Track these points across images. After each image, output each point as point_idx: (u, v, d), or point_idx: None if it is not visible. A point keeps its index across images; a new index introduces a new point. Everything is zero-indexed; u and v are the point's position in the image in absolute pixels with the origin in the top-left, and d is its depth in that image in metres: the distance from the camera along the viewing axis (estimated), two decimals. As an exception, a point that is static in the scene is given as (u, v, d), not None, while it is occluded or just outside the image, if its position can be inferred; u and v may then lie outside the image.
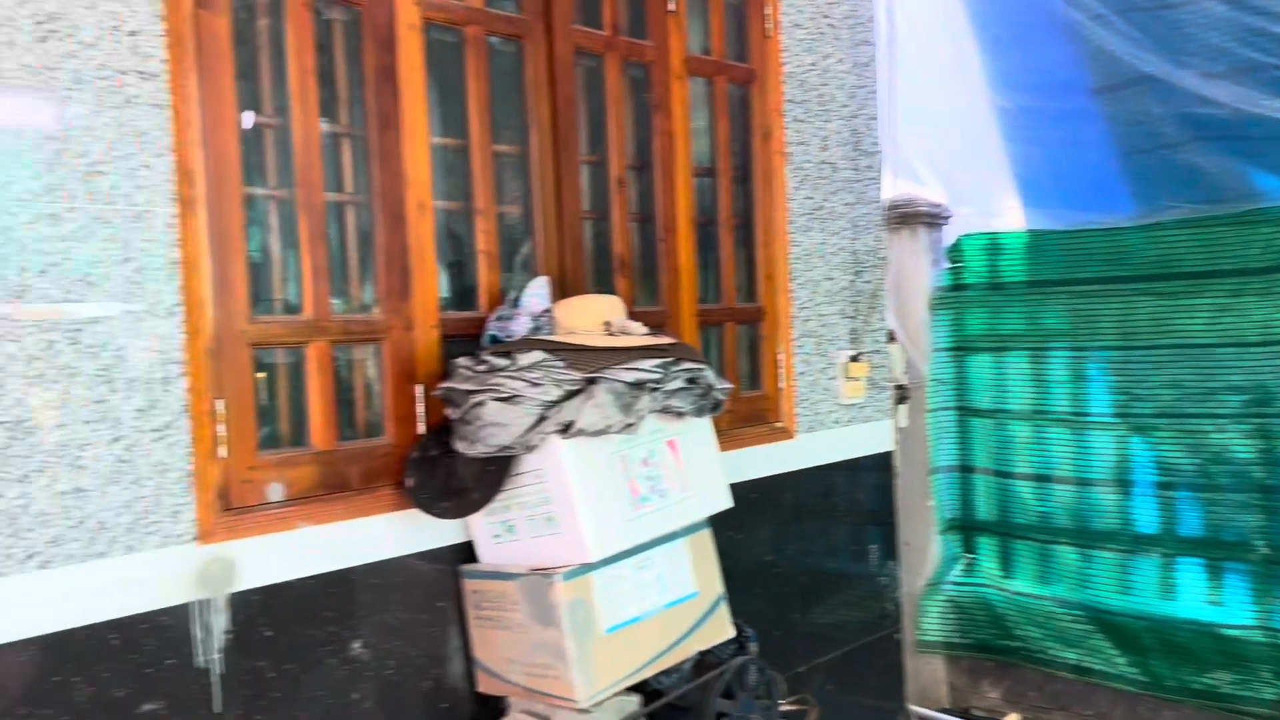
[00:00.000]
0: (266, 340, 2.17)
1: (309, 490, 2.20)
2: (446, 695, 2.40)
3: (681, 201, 2.97)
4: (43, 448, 1.83)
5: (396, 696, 2.31)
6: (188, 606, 2.00)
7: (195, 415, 2.02)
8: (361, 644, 2.26)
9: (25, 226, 1.82)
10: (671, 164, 2.96)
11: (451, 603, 2.40)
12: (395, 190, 2.35)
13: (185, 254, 2.01)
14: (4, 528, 1.79)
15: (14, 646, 1.79)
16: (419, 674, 2.35)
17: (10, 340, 1.80)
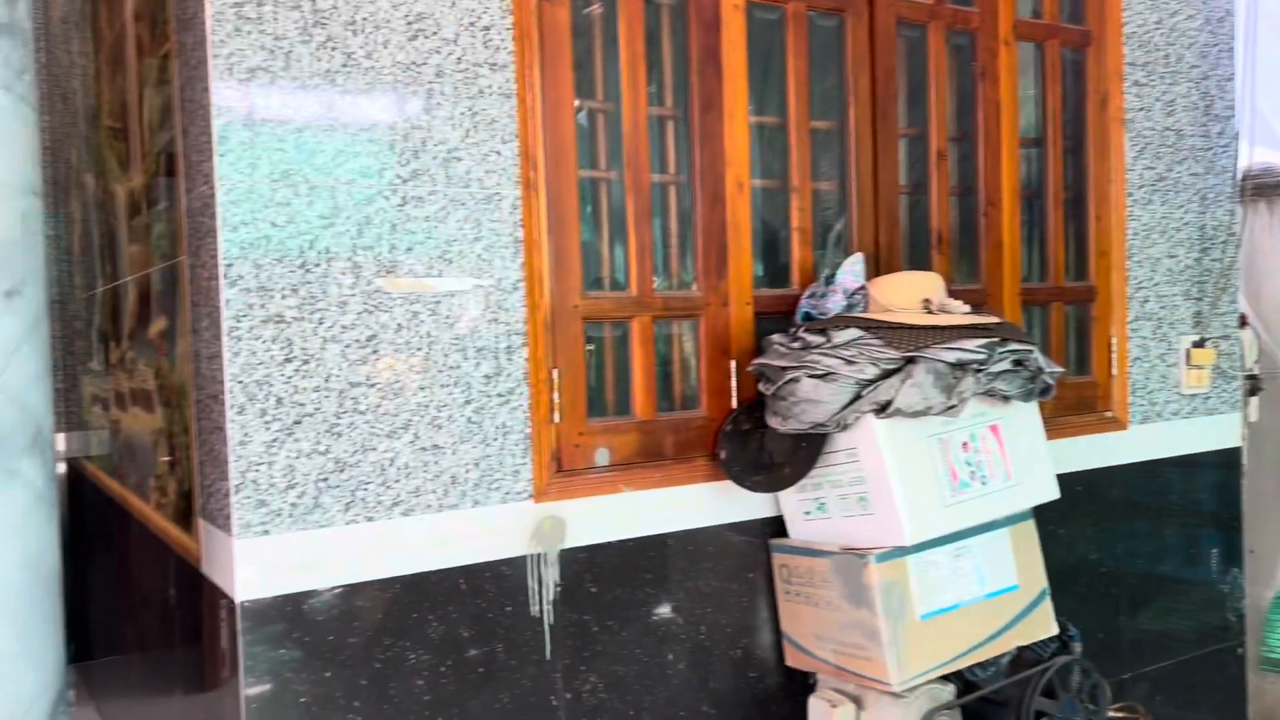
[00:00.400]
0: (596, 315, 2.29)
1: (630, 457, 2.31)
2: (755, 665, 2.44)
3: (1006, 173, 2.83)
4: (407, 407, 2.04)
5: (707, 661, 2.39)
6: (524, 559, 2.16)
7: (534, 383, 2.17)
8: (675, 607, 2.35)
9: (396, 208, 2.03)
10: (996, 134, 2.82)
11: (761, 574, 2.44)
12: (715, 170, 2.40)
13: (528, 233, 2.16)
14: (375, 477, 2.01)
15: (382, 583, 2.01)
16: (729, 642, 2.41)
17: (383, 311, 2.02)
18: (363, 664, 1.99)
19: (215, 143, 1.86)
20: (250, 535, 1.89)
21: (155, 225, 2.38)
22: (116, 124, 2.80)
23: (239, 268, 1.88)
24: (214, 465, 1.98)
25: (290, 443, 1.93)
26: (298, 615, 1.92)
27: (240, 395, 1.88)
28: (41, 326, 1.73)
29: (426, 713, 2.05)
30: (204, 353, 2.01)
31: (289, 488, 1.92)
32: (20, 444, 1.68)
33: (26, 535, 1.69)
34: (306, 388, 1.94)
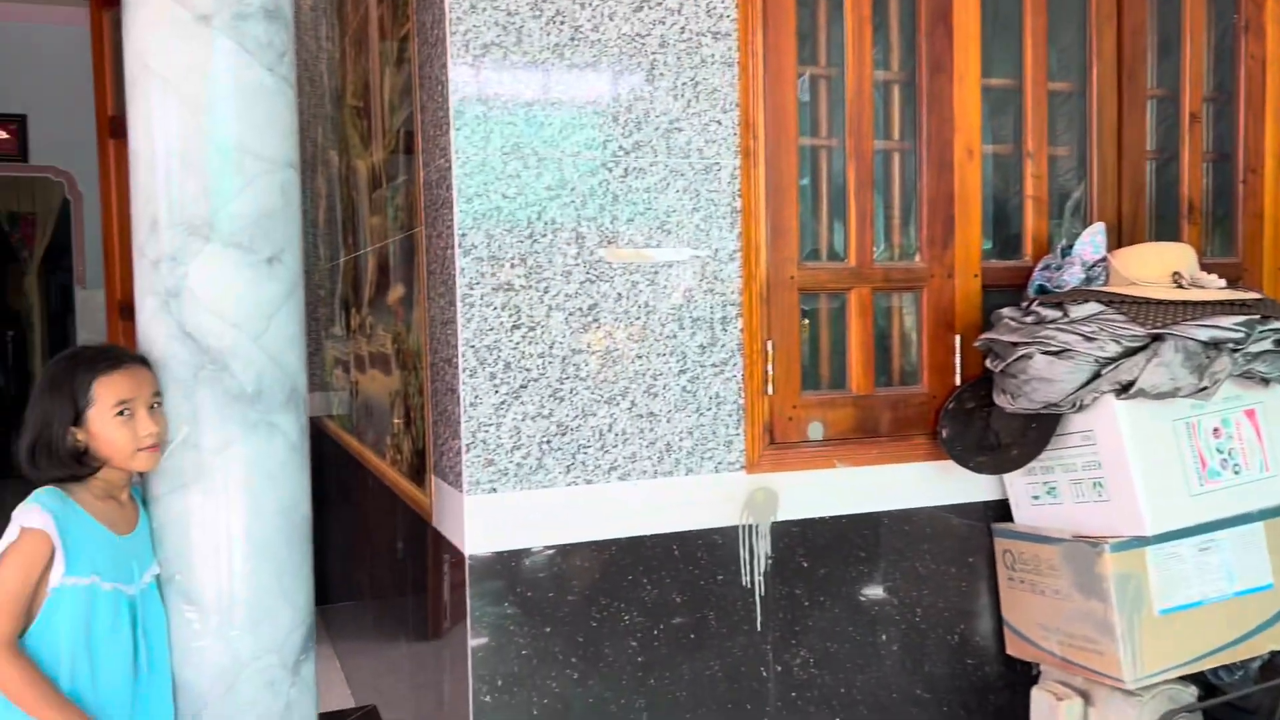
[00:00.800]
0: (812, 286, 2.25)
1: (846, 432, 2.26)
2: (973, 652, 2.36)
3: (1271, 137, 2.57)
4: (625, 375, 2.08)
5: (922, 645, 2.32)
6: (736, 529, 2.16)
7: (748, 354, 2.17)
8: (889, 588, 2.30)
9: (618, 180, 2.06)
10: (1260, 93, 2.57)
11: (982, 559, 2.35)
12: (943, 135, 2.31)
13: (746, 203, 2.15)
14: (594, 441, 2.06)
15: (599, 545, 2.06)
16: (945, 627, 2.34)
17: (604, 280, 2.06)
18: (580, 622, 2.05)
19: (451, 118, 1.95)
20: (479, 492, 1.98)
21: (394, 198, 2.53)
22: (359, 103, 2.98)
23: (472, 237, 1.96)
24: (446, 425, 2.09)
25: (517, 405, 2.00)
26: (521, 571, 2.00)
27: (472, 359, 1.97)
28: (297, 292, 1.87)
29: (639, 673, 2.10)
30: (439, 318, 2.12)
31: (515, 448, 2.00)
32: (278, 400, 1.82)
33: (283, 484, 1.84)
34: (532, 353, 2.01)
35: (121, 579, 1.75)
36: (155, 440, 1.74)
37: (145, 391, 1.75)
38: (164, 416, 1.77)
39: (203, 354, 1.76)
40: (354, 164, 3.10)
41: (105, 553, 1.74)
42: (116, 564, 1.75)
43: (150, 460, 1.75)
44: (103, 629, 1.72)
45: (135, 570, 1.77)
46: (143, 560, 1.79)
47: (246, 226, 1.78)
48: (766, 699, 2.20)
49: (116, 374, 1.73)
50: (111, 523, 1.77)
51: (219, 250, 1.76)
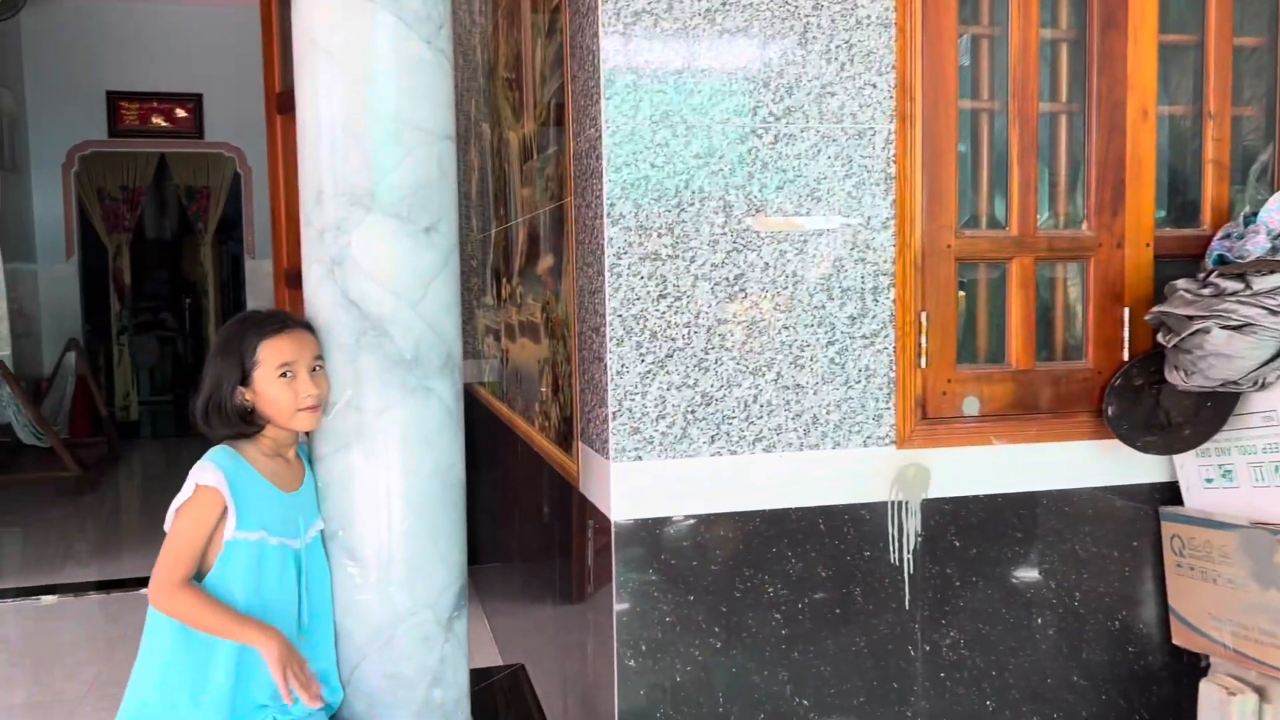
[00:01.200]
0: (970, 255, 2.17)
1: (1003, 409, 2.18)
2: (1135, 640, 2.25)
3: None
4: (771, 346, 2.06)
5: (1080, 630, 2.23)
6: (885, 505, 2.12)
7: (901, 325, 2.11)
8: (1046, 570, 2.21)
9: (768, 146, 2.03)
10: None
11: (1148, 544, 2.23)
12: (1115, 96, 2.18)
13: (901, 169, 2.08)
14: (739, 412, 2.05)
15: (744, 516, 2.05)
16: (1106, 613, 2.23)
17: (751, 250, 2.04)
18: (723, 592, 2.05)
19: (602, 87, 1.96)
20: (625, 460, 2.00)
21: (544, 169, 2.56)
22: (511, 75, 3.02)
23: (621, 207, 1.97)
24: (593, 393, 2.11)
25: (662, 375, 2.01)
26: (665, 539, 2.02)
27: (619, 328, 1.98)
28: (453, 260, 1.91)
29: (783, 646, 2.08)
30: (587, 287, 2.14)
31: (660, 417, 2.01)
32: (435, 365, 1.88)
33: (438, 447, 1.90)
34: (678, 323, 2.01)
35: (287, 534, 1.85)
36: (315, 401, 1.82)
37: (307, 355, 1.83)
38: (325, 379, 1.84)
39: (364, 320, 1.82)
40: (505, 136, 3.16)
41: (273, 509, 1.84)
42: (283, 519, 1.84)
43: (310, 420, 1.84)
44: (271, 581, 1.82)
45: (300, 525, 1.87)
46: (307, 516, 1.88)
47: (405, 197, 1.83)
48: (914, 678, 2.15)
49: (281, 337, 1.82)
50: (279, 480, 1.87)
51: (379, 220, 1.82)
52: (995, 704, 2.20)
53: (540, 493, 2.83)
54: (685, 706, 2.04)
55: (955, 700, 2.18)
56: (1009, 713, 2.21)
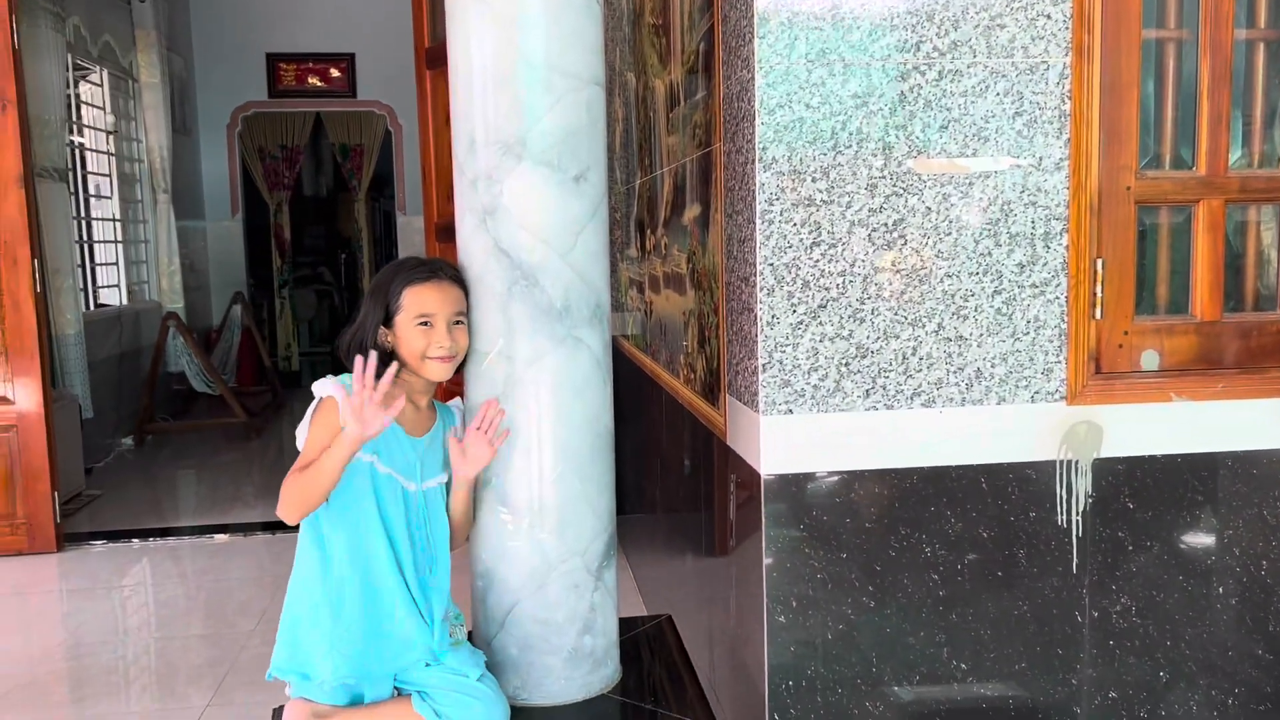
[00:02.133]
0: (1152, 198, 2.01)
1: (1185, 363, 2.03)
2: (1330, 615, 2.08)
3: None
4: (932, 295, 1.96)
5: (1267, 601, 2.07)
6: (1053, 464, 2.00)
7: (1074, 274, 1.98)
8: (1229, 537, 2.06)
9: (931, 84, 1.92)
10: None
11: (1348, 512, 2.05)
12: (1324, 18, 1.97)
13: (1076, 106, 1.94)
14: (896, 365, 1.97)
15: (900, 473, 1.98)
16: (1297, 584, 2.07)
17: (912, 194, 1.94)
18: (877, 550, 1.99)
19: (755, 26, 1.88)
20: (775, 413, 1.95)
21: (692, 115, 2.50)
22: (657, 21, 2.97)
23: (774, 151, 1.90)
24: (742, 344, 2.06)
25: (814, 326, 1.94)
26: (816, 494, 1.96)
27: (770, 277, 1.93)
28: (601, 209, 1.89)
29: (940, 607, 2.01)
30: (736, 236, 2.08)
31: (812, 370, 1.95)
32: (584, 315, 1.86)
33: (587, 396, 1.89)
34: (832, 272, 1.94)
35: (401, 471, 1.89)
36: (446, 353, 1.85)
37: (448, 308, 1.86)
38: (467, 335, 1.86)
39: (515, 269, 1.82)
40: (651, 84, 3.11)
41: (389, 442, 1.89)
42: (399, 457, 1.88)
43: (439, 369, 1.87)
44: (386, 508, 1.87)
45: (418, 471, 1.89)
46: (429, 466, 1.90)
47: (555, 144, 1.81)
48: (1080, 645, 2.05)
49: (425, 286, 1.86)
50: (402, 420, 1.92)
51: (530, 168, 1.81)
52: (1169, 675, 2.08)
53: (684, 445, 2.81)
54: (836, 665, 2.00)
55: (1125, 670, 2.06)
56: (1183, 685, 2.08)
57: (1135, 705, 2.07)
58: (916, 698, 2.02)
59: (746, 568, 2.09)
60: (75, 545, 4.72)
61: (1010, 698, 2.04)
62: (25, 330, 4.59)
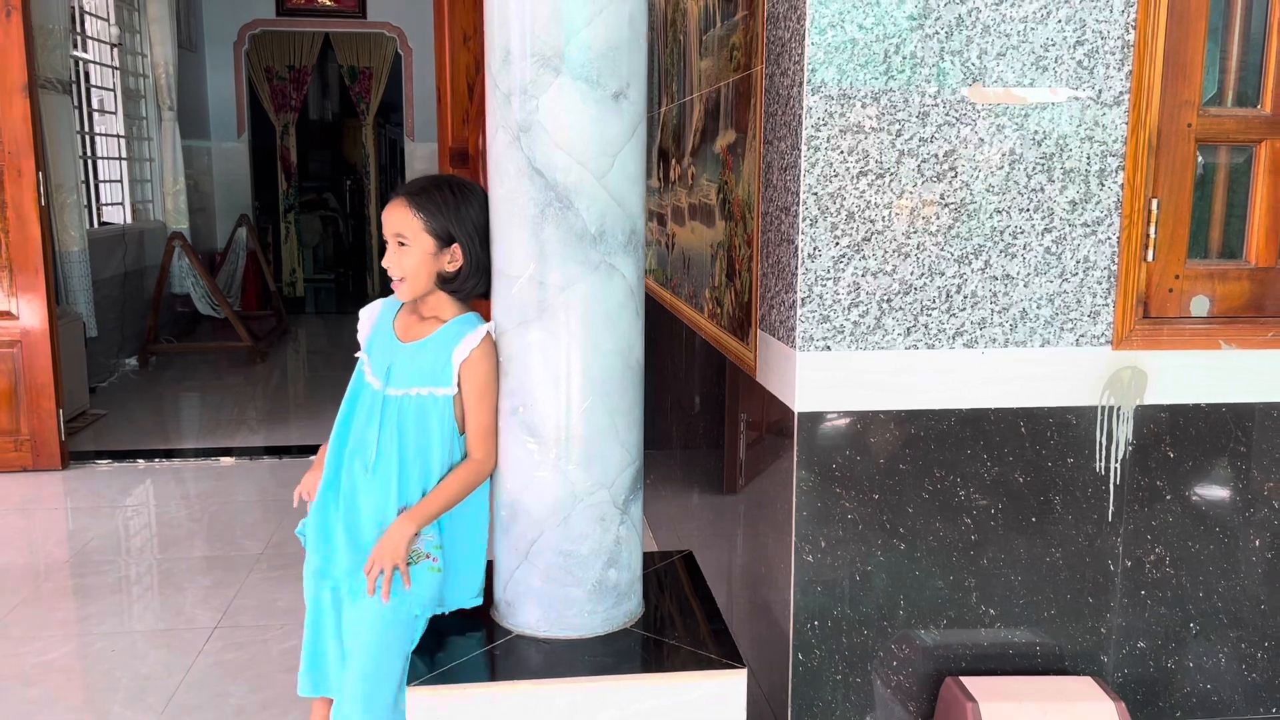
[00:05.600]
0: (1214, 136, 1.93)
1: (1236, 309, 1.96)
2: (1367, 572, 2.04)
3: None
4: (980, 231, 1.89)
5: (1303, 557, 2.03)
6: (1095, 410, 1.95)
7: (1127, 213, 1.90)
8: (1272, 489, 2.01)
9: (990, 8, 1.82)
10: None
11: (1394, 468, 2.00)
12: None
13: (1141, 36, 1.85)
14: (940, 303, 1.90)
15: (937, 414, 1.92)
16: (1335, 539, 2.03)
17: (964, 124, 1.85)
18: (911, 492, 1.94)
19: (808, -62, 1.78)
20: (812, 349, 1.88)
21: (729, 37, 2.40)
22: (692, -61, 2.84)
23: (823, 74, 1.81)
24: (779, 278, 1.99)
25: (857, 260, 1.87)
26: (852, 434, 1.91)
27: (813, 207, 1.85)
28: (640, 130, 1.80)
29: (971, 552, 1.97)
30: (777, 164, 2.00)
31: (852, 305, 1.88)
32: (619, 241, 1.79)
33: (619, 326, 1.82)
34: (878, 203, 1.86)
35: (376, 372, 1.89)
36: (391, 273, 1.86)
37: (389, 228, 1.85)
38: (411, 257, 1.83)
39: (549, 191, 1.74)
40: (683, 5, 2.99)
41: (380, 345, 1.93)
42: (376, 353, 1.91)
43: (398, 290, 1.87)
44: (359, 400, 1.91)
45: (386, 372, 1.85)
46: (402, 372, 1.84)
47: (595, 59, 1.72)
48: (1111, 594, 2.01)
49: (386, 208, 1.87)
50: (402, 329, 1.92)
51: (569, 83, 1.72)
52: (1199, 627, 2.04)
53: (708, 381, 2.76)
54: (863, 606, 1.97)
55: (1155, 620, 2.03)
56: (1213, 637, 2.05)
57: (1163, 655, 2.05)
58: (942, 641, 1.99)
59: (773, 506, 2.04)
60: (80, 464, 4.70)
61: (1037, 644, 2.01)
62: (30, 245, 4.51)
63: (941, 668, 1.99)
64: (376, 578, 1.78)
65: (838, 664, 1.98)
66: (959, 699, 1.88)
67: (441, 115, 4.62)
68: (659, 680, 1.77)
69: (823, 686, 1.98)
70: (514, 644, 1.87)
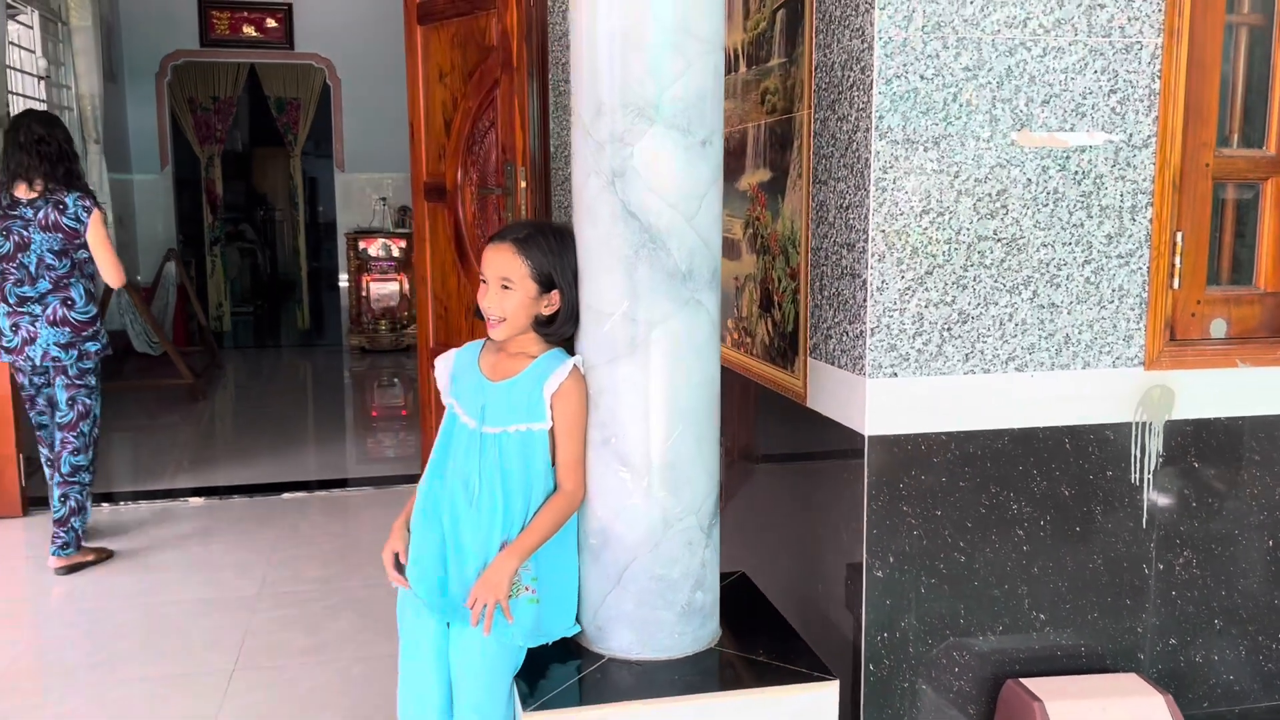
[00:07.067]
0: (1227, 174, 2.13)
1: (1251, 331, 2.16)
2: (1365, 565, 2.26)
3: None
4: (1029, 264, 2.04)
5: (1310, 553, 2.24)
6: (1130, 426, 2.12)
7: (1156, 245, 2.08)
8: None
9: (1035, 60, 1.99)
10: None
11: (1387, 470, 2.22)
12: (1387, 10, 2.10)
13: (1165, 85, 2.04)
14: (994, 331, 2.05)
15: (993, 434, 2.07)
16: (1337, 536, 2.24)
17: (1014, 165, 2.01)
18: (969, 507, 2.08)
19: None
20: (881, 376, 2.01)
21: (761, 81, 2.53)
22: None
23: (889, 120, 1.95)
24: (840, 309, 2.12)
25: (921, 292, 2.01)
26: (916, 454, 2.04)
27: (881, 243, 1.98)
28: (719, 173, 1.91)
29: (1024, 561, 2.11)
30: (834, 203, 2.13)
31: (917, 335, 2.02)
32: (705, 278, 1.89)
33: (705, 358, 1.92)
34: (939, 239, 2.00)
35: (465, 408, 1.96)
36: (487, 314, 1.93)
37: (493, 271, 1.92)
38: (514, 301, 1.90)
39: (644, 233, 1.83)
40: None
41: (464, 381, 2.00)
42: (466, 395, 1.98)
43: (494, 330, 1.94)
44: (455, 442, 1.97)
45: (481, 412, 1.92)
46: (497, 410, 1.92)
47: (685, 109, 1.82)
48: (1146, 595, 2.18)
49: (487, 249, 1.95)
50: (490, 368, 1.98)
51: (662, 131, 1.81)
52: (1223, 623, 2.23)
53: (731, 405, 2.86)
54: (928, 617, 2.09)
55: (1184, 618, 2.21)
56: (1235, 631, 2.24)
57: (1192, 650, 2.22)
58: (998, 646, 2.13)
59: (845, 525, 2.16)
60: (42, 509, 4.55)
61: (1082, 645, 2.16)
62: (-11, 285, 4.36)
63: (998, 671, 2.13)
64: (480, 611, 1.83)
65: (905, 672, 2.10)
66: (1024, 699, 2.01)
67: (415, 151, 4.65)
68: (757, 695, 1.86)
69: (892, 694, 2.10)
70: (609, 667, 1.93)
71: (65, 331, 3.72)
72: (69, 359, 3.74)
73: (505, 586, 1.84)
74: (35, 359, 3.73)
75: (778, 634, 2.06)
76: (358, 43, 9.02)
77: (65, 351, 3.73)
